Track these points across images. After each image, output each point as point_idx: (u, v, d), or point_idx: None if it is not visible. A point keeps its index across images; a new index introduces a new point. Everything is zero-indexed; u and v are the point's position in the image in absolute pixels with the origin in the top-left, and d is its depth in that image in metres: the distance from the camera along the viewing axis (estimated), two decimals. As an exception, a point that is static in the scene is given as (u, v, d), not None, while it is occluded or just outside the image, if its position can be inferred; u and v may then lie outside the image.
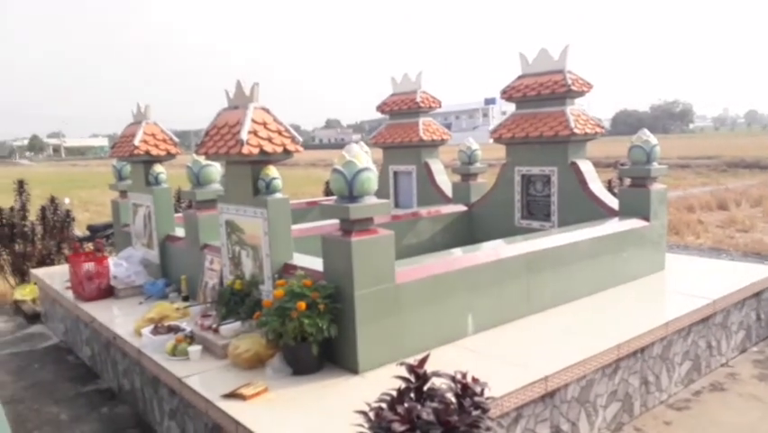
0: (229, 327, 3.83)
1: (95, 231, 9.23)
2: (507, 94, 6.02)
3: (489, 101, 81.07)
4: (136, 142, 5.38)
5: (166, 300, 5.02)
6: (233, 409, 2.97)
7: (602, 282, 4.84)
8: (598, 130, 5.64)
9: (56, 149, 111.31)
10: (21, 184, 7.88)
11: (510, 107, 6.43)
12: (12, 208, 7.82)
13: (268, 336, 3.46)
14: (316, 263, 3.85)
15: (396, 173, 7.75)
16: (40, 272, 6.70)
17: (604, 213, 5.42)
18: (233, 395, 3.10)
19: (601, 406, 3.68)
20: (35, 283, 6.94)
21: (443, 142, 7.36)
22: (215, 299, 4.36)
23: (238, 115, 4.06)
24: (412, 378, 2.03)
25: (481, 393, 2.01)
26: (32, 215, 8.02)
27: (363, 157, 3.46)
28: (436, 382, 2.05)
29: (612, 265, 4.93)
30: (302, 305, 3.27)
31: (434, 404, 1.91)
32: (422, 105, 7.13)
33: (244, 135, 3.86)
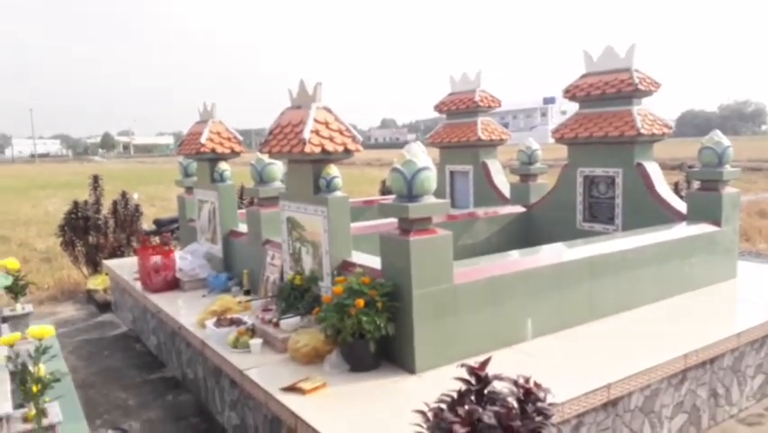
0: (289, 322, 3.91)
1: (160, 225, 9.62)
2: (571, 93, 5.87)
3: (548, 100, 79.23)
4: (202, 140, 5.57)
5: (228, 294, 5.17)
6: (292, 402, 3.03)
7: (669, 289, 4.66)
8: (665, 131, 5.42)
9: (126, 146, 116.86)
10: (96, 179, 8.31)
11: (571, 107, 6.27)
12: (87, 202, 8.26)
13: (326, 332, 3.52)
14: (375, 261, 3.88)
15: (452, 173, 7.70)
16: (111, 263, 7.05)
17: (671, 217, 5.21)
18: (292, 389, 3.16)
19: (667, 417, 3.54)
20: (106, 274, 7.31)
21: (501, 141, 7.26)
22: (276, 294, 4.46)
23: (301, 114, 4.14)
24: (473, 380, 2.02)
25: (544, 399, 1.97)
26: (105, 208, 8.44)
27: (423, 156, 3.46)
28: (497, 386, 2.02)
29: (680, 271, 4.73)
30: (360, 302, 3.30)
31: (496, 408, 1.89)
32: (481, 104, 7.06)
33: (307, 134, 3.94)
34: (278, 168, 5.30)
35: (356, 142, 4.20)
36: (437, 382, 3.18)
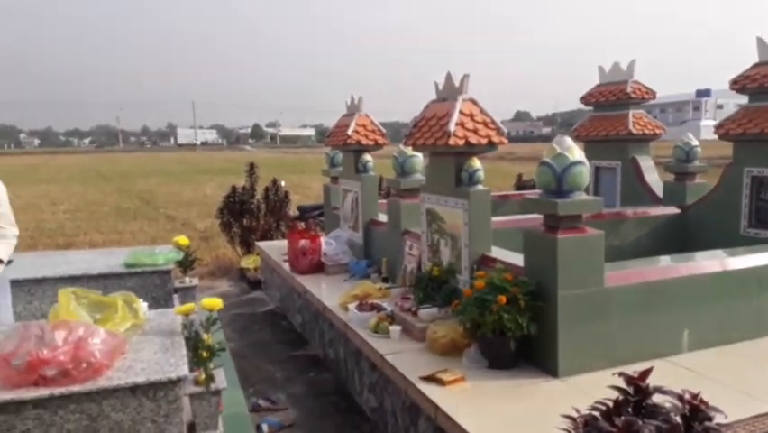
0: (427, 312, 3.97)
1: (303, 211, 10.22)
2: (740, 84, 5.27)
3: (702, 93, 72.08)
4: (349, 132, 5.81)
5: (368, 280, 5.37)
6: (432, 392, 3.08)
7: None
8: None
9: (272, 137, 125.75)
10: (251, 167, 9.03)
11: (728, 101, 5.64)
12: (243, 187, 9.02)
13: (465, 325, 3.52)
14: (515, 258, 3.81)
15: (598, 169, 7.29)
16: (262, 245, 7.62)
17: None
18: (431, 378, 3.21)
19: None
20: (258, 254, 7.92)
21: (655, 136, 6.72)
22: (413, 283, 4.54)
23: (446, 107, 4.15)
24: (630, 390, 1.91)
25: (712, 419, 1.81)
26: (258, 194, 9.15)
27: (576, 150, 3.32)
28: (658, 399, 1.90)
29: None
30: (503, 299, 3.26)
31: (657, 422, 1.77)
32: (633, 95, 6.58)
33: (452, 127, 3.95)
34: (420, 160, 5.38)
35: (500, 135, 4.14)
36: (581, 388, 3.08)
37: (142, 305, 2.99)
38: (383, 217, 5.88)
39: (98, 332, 2.49)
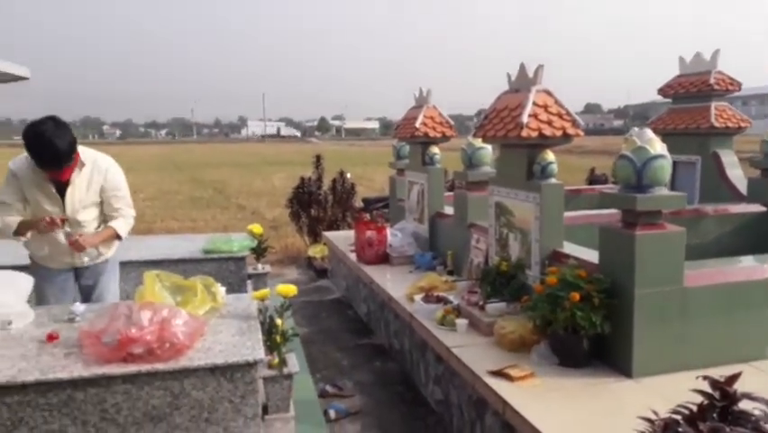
0: (495, 307, 3.93)
1: (367, 203, 10.33)
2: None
3: (789, 84, 66.96)
4: (417, 124, 5.81)
5: (433, 272, 5.36)
6: (501, 387, 3.05)
7: None
8: None
9: (338, 129, 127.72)
10: (318, 159, 9.21)
11: None
12: (310, 178, 9.21)
13: (535, 322, 3.46)
14: (589, 254, 3.70)
15: (675, 163, 6.93)
16: (329, 235, 7.77)
17: None
18: (499, 373, 3.18)
19: None
20: (324, 244, 8.08)
21: (739, 130, 6.33)
22: (480, 277, 4.50)
23: (519, 98, 4.08)
24: (717, 395, 1.82)
25: (807, 430, 1.71)
26: (325, 185, 9.32)
27: (657, 143, 3.18)
28: (746, 406, 1.80)
29: None
30: (576, 296, 3.18)
31: (746, 430, 1.68)
32: (717, 87, 6.22)
33: (525, 119, 3.87)
34: (488, 152, 5.31)
35: (576, 127, 4.03)
36: (657, 390, 2.97)
37: (220, 289, 3.11)
38: (449, 210, 5.86)
39: (181, 314, 2.63)
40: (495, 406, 3.06)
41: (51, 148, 3.02)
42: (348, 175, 9.89)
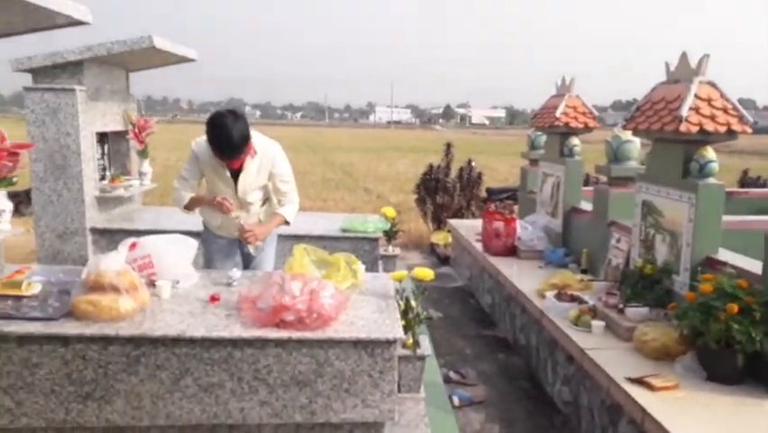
0: (636, 311, 3.72)
1: (491, 193, 10.19)
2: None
3: None
4: (557, 113, 5.60)
5: (565, 269, 5.18)
6: (640, 395, 2.89)
7: None
8: None
9: (462, 118, 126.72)
10: (448, 146, 9.22)
11: None
12: (439, 166, 9.25)
13: (682, 331, 3.23)
14: (749, 263, 3.40)
15: None
16: (454, 223, 7.77)
17: None
18: (640, 381, 3.02)
19: None
20: (448, 231, 8.09)
21: None
22: (620, 279, 4.28)
23: (679, 89, 3.79)
24: None
25: None
26: (453, 173, 9.31)
27: None
28: None
29: None
30: (734, 307, 2.92)
31: None
32: None
33: (684, 112, 3.60)
34: (636, 146, 5.00)
35: (743, 123, 3.68)
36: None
37: (361, 267, 3.24)
38: (585, 205, 5.61)
39: (328, 286, 2.78)
40: (632, 414, 2.92)
41: (229, 142, 3.30)
42: (473, 164, 9.81)
